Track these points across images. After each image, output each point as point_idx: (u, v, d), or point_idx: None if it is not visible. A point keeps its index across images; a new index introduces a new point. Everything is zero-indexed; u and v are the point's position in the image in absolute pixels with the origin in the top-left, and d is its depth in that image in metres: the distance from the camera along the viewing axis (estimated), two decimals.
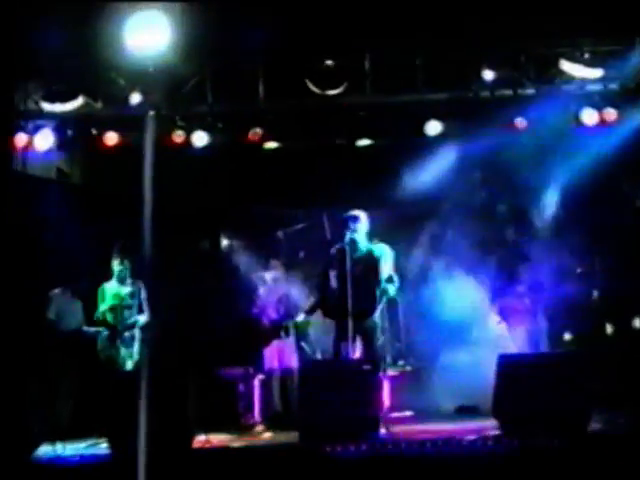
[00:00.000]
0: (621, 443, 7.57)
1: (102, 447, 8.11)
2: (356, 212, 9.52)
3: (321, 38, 10.30)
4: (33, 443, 8.00)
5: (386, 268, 9.35)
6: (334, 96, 10.58)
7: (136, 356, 9.88)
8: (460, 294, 10.91)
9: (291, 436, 8.44)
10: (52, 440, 8.43)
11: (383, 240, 9.75)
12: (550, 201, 11.07)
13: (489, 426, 8.36)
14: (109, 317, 10.08)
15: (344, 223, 9.45)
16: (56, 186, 11.60)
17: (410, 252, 11.40)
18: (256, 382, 10.81)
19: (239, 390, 10.83)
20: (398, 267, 9.85)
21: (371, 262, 9.37)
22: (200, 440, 8.36)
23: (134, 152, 10.74)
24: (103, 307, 10.08)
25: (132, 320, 10.04)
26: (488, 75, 10.55)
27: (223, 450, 8.18)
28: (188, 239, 11.72)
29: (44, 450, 8.18)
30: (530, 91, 10.74)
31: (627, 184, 10.95)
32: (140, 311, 10.08)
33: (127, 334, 9.96)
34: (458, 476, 7.13)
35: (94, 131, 10.95)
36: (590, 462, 7.31)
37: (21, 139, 10.76)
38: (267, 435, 9.72)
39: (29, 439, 7.94)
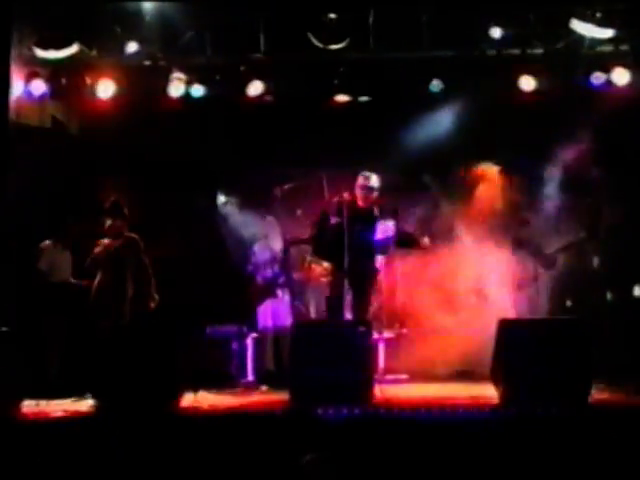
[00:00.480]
0: (623, 413, 7.29)
1: (87, 403, 7.76)
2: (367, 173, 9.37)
3: None
4: (17, 398, 7.64)
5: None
6: (336, 51, 10.20)
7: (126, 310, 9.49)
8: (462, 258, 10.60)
9: (283, 397, 8.11)
10: (38, 395, 8.09)
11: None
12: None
13: (486, 393, 8.05)
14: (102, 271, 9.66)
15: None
16: (51, 135, 11.21)
17: (411, 213, 10.99)
18: (249, 341, 10.60)
19: (232, 348, 10.50)
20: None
21: (371, 220, 9.21)
22: (189, 399, 8.02)
23: (130, 103, 10.73)
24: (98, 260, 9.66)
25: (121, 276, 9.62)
26: (495, 33, 10.14)
27: (211, 410, 7.82)
28: (183, 195, 11.32)
29: (27, 405, 7.82)
30: (538, 51, 10.38)
31: None
32: (138, 265, 9.65)
33: (119, 287, 9.56)
34: (452, 443, 6.83)
35: (88, 80, 10.49)
36: (590, 432, 7.03)
37: (16, 86, 10.31)
38: (258, 395, 9.38)
39: (13, 394, 7.59)
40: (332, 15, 10.15)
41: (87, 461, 6.78)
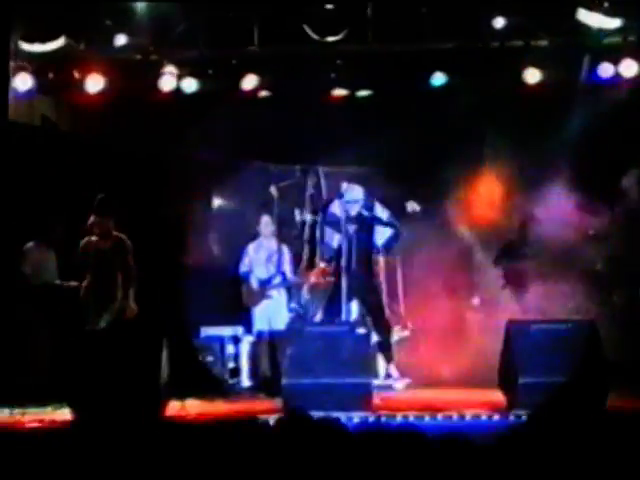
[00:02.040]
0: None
1: (65, 412, 7.01)
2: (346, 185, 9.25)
3: None
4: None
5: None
6: (333, 43, 9.61)
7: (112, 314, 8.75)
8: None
9: (276, 404, 7.37)
10: (13, 403, 7.36)
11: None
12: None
13: (493, 398, 7.32)
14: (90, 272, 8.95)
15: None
16: (40, 133, 10.50)
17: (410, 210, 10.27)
18: (245, 345, 9.88)
19: (226, 352, 9.76)
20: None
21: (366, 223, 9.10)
22: (175, 407, 7.27)
23: (120, 98, 10.04)
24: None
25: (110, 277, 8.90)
26: (499, 23, 9.56)
27: (198, 418, 7.07)
28: (176, 194, 10.60)
29: (1, 413, 7.11)
30: (543, 42, 9.72)
31: None
32: (124, 266, 8.94)
33: (106, 289, 8.84)
34: (460, 454, 6.01)
35: (77, 74, 9.79)
36: (608, 440, 6.21)
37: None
38: (252, 402, 8.64)
39: None
40: (329, 6, 9.64)
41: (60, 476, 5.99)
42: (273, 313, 9.67)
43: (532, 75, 9.70)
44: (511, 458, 5.58)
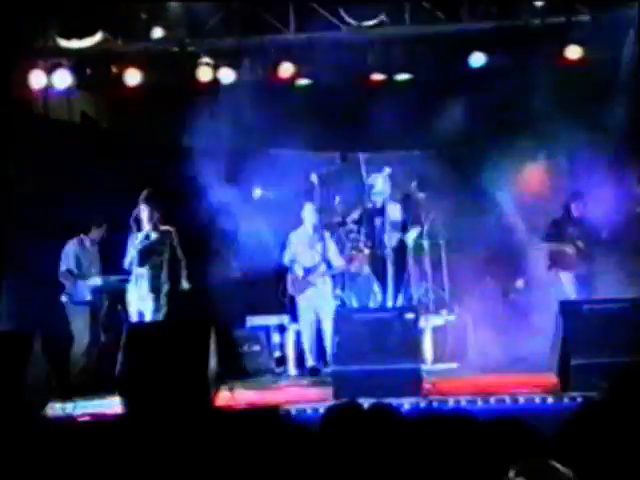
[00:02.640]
0: None
1: (116, 404, 6.96)
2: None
3: None
4: (42, 400, 6.89)
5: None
6: (370, 27, 9.47)
7: (160, 306, 8.72)
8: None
9: (325, 392, 7.26)
10: (64, 397, 7.33)
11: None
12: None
13: (546, 380, 7.15)
14: (137, 264, 8.92)
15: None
16: (80, 130, 10.51)
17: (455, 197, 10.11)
18: (291, 333, 9.79)
19: (272, 341, 9.69)
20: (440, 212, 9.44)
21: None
22: (225, 396, 7.20)
23: (159, 91, 9.99)
24: (133, 253, 8.92)
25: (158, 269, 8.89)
26: (539, 1, 9.32)
27: (247, 408, 6.99)
28: (220, 187, 10.53)
29: (53, 408, 7.07)
30: (584, 17, 9.41)
31: None
32: (173, 258, 8.93)
33: (155, 283, 8.81)
34: (515, 437, 5.88)
35: (114, 69, 9.75)
36: None
37: (39, 78, 9.61)
38: (300, 390, 8.52)
39: (38, 396, 6.85)
40: None
41: (115, 467, 5.96)
42: (319, 301, 9.57)
43: (574, 52, 9.39)
44: (574, 442, 5.44)
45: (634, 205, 9.39)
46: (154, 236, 8.99)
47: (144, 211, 9.00)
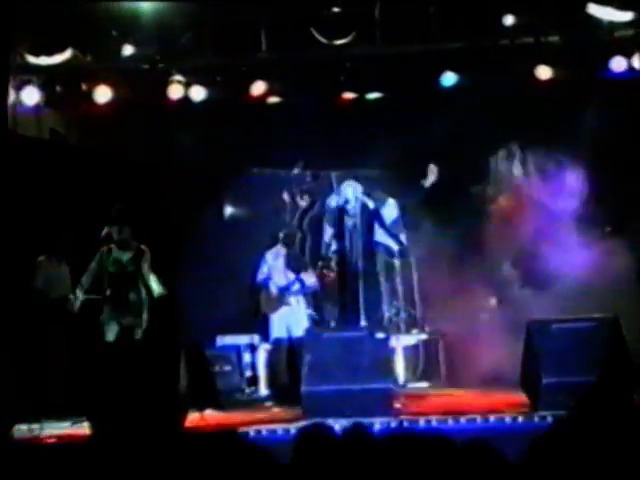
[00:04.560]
0: None
1: (83, 426, 6.91)
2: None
3: None
4: (8, 421, 6.83)
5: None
6: (342, 46, 9.54)
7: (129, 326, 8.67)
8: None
9: (296, 412, 7.25)
10: (32, 418, 7.27)
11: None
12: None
13: (516, 399, 7.19)
14: (107, 284, 8.86)
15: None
16: (48, 147, 10.45)
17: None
18: (262, 352, 9.73)
19: (243, 361, 9.67)
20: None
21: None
22: (194, 418, 7.16)
23: (129, 109, 9.98)
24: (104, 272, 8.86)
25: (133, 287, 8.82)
26: (508, 21, 9.48)
27: (216, 429, 6.97)
28: (191, 206, 10.52)
29: (20, 430, 7.02)
30: (554, 38, 9.61)
31: None
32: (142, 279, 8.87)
33: (125, 301, 8.74)
34: (487, 458, 5.89)
35: (84, 86, 9.75)
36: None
37: (7, 96, 9.56)
38: (270, 411, 8.49)
39: (4, 417, 6.78)
40: (336, 9, 9.54)
41: None
42: (292, 320, 9.53)
43: (544, 72, 9.58)
44: (542, 462, 5.45)
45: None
46: (125, 254, 8.91)
47: (114, 228, 8.93)
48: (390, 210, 9.24)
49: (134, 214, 9.13)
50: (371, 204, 9.26)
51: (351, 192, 9.30)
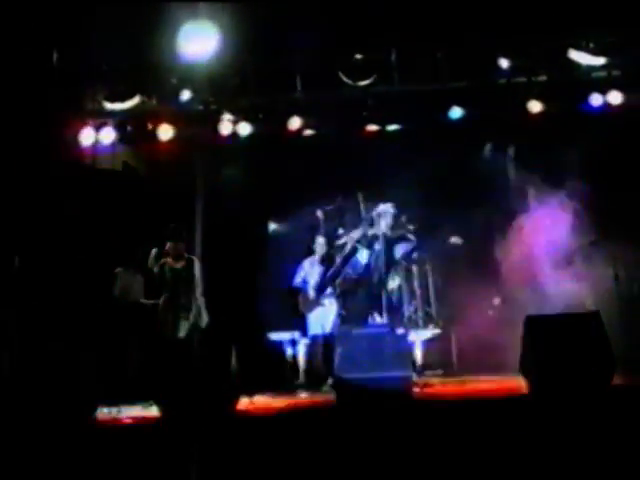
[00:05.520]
0: None
1: (153, 410, 7.08)
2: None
3: (352, 35, 9.38)
4: (93, 405, 7.02)
5: None
6: (365, 86, 9.77)
7: (189, 324, 8.83)
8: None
9: (330, 398, 7.36)
10: (110, 403, 7.47)
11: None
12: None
13: (516, 384, 7.24)
14: (167, 289, 9.03)
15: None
16: (122, 177, 10.70)
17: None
18: (301, 347, 9.85)
19: (286, 354, 9.79)
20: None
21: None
22: (245, 402, 7.31)
23: (187, 144, 10.19)
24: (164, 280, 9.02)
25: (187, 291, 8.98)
26: (504, 64, 9.72)
27: (264, 411, 7.11)
28: (239, 222, 10.70)
29: (102, 412, 7.24)
30: (542, 78, 9.84)
31: None
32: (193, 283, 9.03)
33: (182, 302, 8.91)
34: (486, 431, 6.03)
35: (150, 126, 9.98)
36: (614, 416, 6.17)
37: (89, 136, 9.86)
38: (308, 397, 8.61)
39: (89, 401, 6.97)
40: (359, 55, 9.75)
41: (153, 464, 6.08)
42: (326, 318, 9.66)
43: (535, 106, 9.78)
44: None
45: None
46: (179, 263, 9.07)
47: (170, 244, 9.08)
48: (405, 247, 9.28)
49: (186, 231, 9.27)
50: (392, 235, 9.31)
51: (384, 225, 9.36)
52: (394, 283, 9.44)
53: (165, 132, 9.94)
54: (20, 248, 8.50)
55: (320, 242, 9.98)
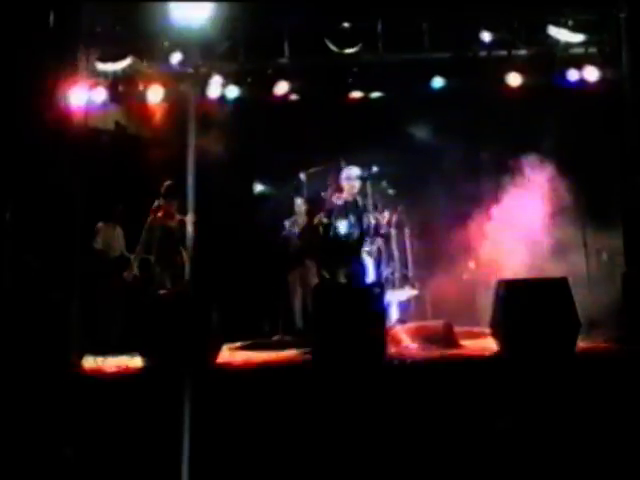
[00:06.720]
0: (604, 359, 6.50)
1: (137, 361, 7.04)
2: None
3: (340, 3, 9.31)
4: (78, 355, 6.98)
5: None
6: (350, 54, 9.59)
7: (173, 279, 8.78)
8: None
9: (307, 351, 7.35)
10: (95, 353, 7.43)
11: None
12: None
13: (488, 345, 7.27)
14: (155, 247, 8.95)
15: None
16: (112, 135, 10.56)
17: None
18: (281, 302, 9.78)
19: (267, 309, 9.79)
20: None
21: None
22: (225, 355, 7.30)
23: (176, 105, 10.03)
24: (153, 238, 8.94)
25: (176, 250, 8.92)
26: (486, 37, 9.58)
27: (243, 365, 7.10)
28: (224, 181, 10.62)
29: (87, 361, 7.20)
30: (522, 52, 9.73)
31: None
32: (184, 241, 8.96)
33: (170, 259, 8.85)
34: (459, 387, 6.07)
35: (141, 86, 9.83)
36: (576, 375, 6.24)
37: (81, 95, 9.66)
38: (287, 351, 8.52)
39: (75, 352, 6.92)
40: (346, 24, 9.57)
41: (136, 413, 6.06)
42: (305, 276, 9.61)
43: (514, 79, 9.70)
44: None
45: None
46: (171, 223, 8.98)
47: (162, 202, 8.99)
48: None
49: (179, 191, 9.19)
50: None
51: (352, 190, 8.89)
52: (373, 247, 9.34)
53: (155, 93, 9.77)
54: (11, 202, 8.37)
55: (298, 204, 9.90)
